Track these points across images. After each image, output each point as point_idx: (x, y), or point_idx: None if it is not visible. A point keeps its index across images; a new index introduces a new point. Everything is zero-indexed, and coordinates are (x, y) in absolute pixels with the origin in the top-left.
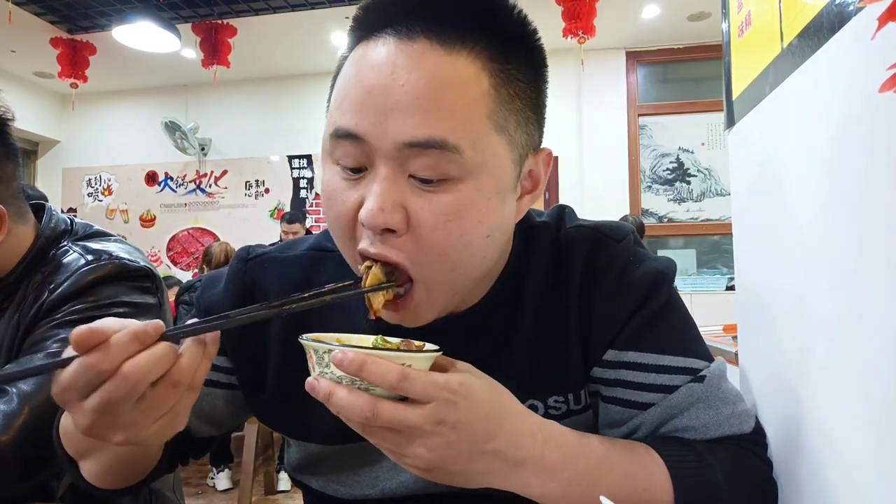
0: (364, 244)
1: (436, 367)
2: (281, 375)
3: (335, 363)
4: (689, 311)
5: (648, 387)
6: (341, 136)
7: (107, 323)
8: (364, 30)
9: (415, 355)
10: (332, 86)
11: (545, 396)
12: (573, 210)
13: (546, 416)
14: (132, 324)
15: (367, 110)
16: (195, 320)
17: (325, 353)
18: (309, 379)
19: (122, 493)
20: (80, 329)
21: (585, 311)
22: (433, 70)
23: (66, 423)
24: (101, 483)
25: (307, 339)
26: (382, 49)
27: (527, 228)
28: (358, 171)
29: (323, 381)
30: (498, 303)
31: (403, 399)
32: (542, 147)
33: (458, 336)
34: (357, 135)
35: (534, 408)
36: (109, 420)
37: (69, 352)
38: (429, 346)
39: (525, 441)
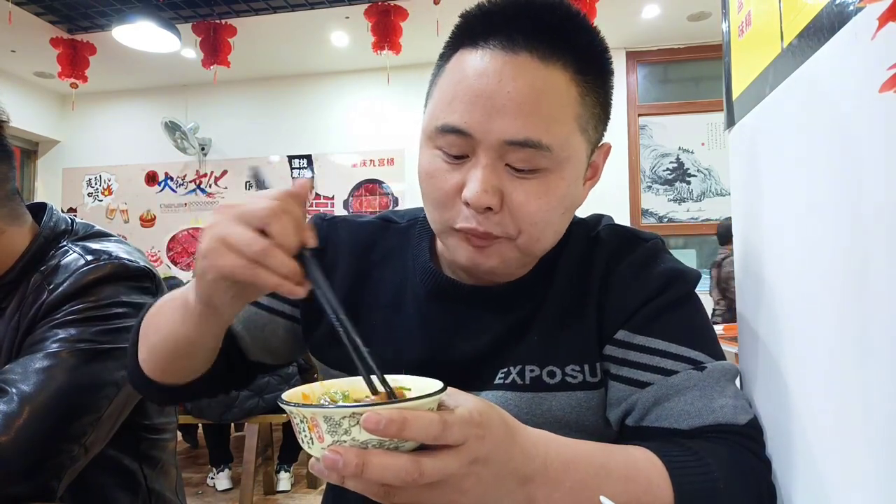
0: (464, 222)
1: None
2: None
3: (369, 427)
4: None
5: (650, 368)
6: (449, 130)
7: (265, 192)
8: (468, 38)
9: (434, 399)
10: (432, 81)
11: (563, 364)
12: (612, 217)
13: (564, 382)
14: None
15: (476, 110)
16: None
17: (343, 418)
18: (324, 454)
19: (171, 394)
20: (303, 182)
21: (604, 291)
22: (533, 80)
23: (150, 310)
24: (159, 372)
25: (303, 406)
26: (488, 58)
27: (570, 224)
28: (459, 158)
29: (348, 451)
30: (535, 280)
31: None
32: (603, 142)
33: (499, 302)
34: (465, 130)
35: (552, 374)
36: (226, 246)
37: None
38: (405, 379)
39: (531, 454)
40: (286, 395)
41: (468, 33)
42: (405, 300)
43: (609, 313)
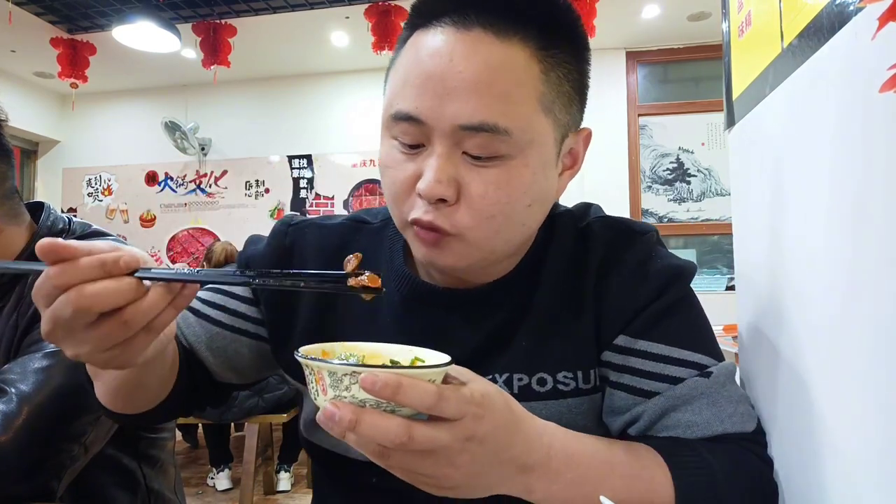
0: (417, 213)
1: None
2: (308, 329)
3: (365, 386)
4: None
5: (655, 376)
6: (401, 117)
7: (94, 244)
8: (421, 18)
9: (437, 370)
10: (389, 69)
11: (555, 371)
12: (600, 207)
13: (555, 391)
14: (120, 250)
15: (426, 94)
16: (180, 267)
17: (345, 375)
18: (325, 406)
19: (135, 420)
20: (45, 241)
21: (602, 295)
22: (487, 57)
23: None
24: (111, 405)
25: (308, 358)
26: (440, 37)
27: (553, 216)
28: (415, 147)
29: (344, 406)
30: (518, 279)
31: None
32: (582, 126)
33: (480, 305)
34: (417, 117)
35: (543, 381)
36: (63, 333)
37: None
38: (420, 350)
39: (535, 444)
40: (304, 349)
41: (422, 13)
42: (380, 307)
43: (608, 317)
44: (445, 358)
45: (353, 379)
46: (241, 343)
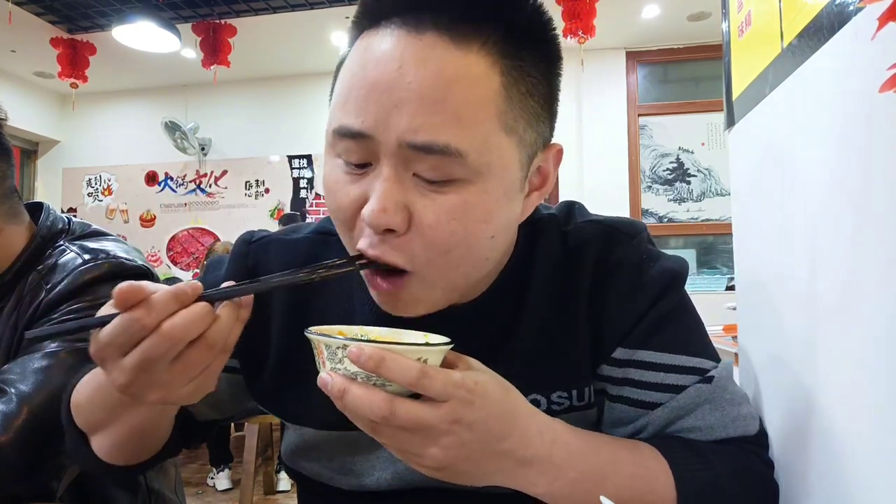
0: (363, 244)
1: (444, 362)
2: (281, 360)
3: (351, 358)
4: None
5: (657, 386)
6: (344, 134)
7: (145, 283)
8: (369, 18)
9: (429, 349)
10: (336, 76)
11: (549, 392)
12: (584, 206)
13: (549, 411)
14: (168, 286)
15: (370, 107)
16: (231, 283)
17: (338, 348)
18: (321, 375)
19: (127, 472)
20: (123, 285)
21: (597, 308)
22: (441, 67)
23: (80, 396)
24: (110, 458)
25: (315, 334)
26: (388, 41)
27: (534, 221)
28: (361, 167)
29: (336, 377)
30: (503, 295)
31: (414, 395)
32: (552, 143)
33: (461, 326)
34: (361, 132)
35: (536, 402)
36: (147, 378)
37: (108, 309)
38: (434, 337)
39: (534, 440)
40: (317, 328)
41: (369, 10)
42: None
43: (605, 331)
44: (445, 340)
45: (344, 352)
46: (219, 379)
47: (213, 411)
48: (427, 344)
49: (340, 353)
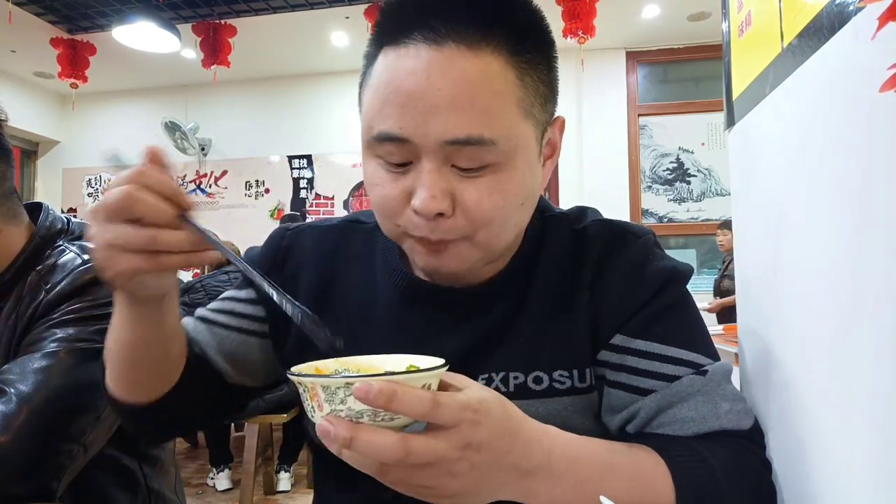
0: (420, 231)
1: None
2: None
3: (359, 396)
4: None
5: (651, 374)
6: (385, 138)
7: (167, 173)
8: (390, 35)
9: (431, 374)
10: (362, 85)
11: (550, 370)
12: (598, 210)
13: (551, 389)
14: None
15: (408, 114)
16: (208, 231)
17: (338, 388)
18: (320, 423)
19: (145, 415)
20: (156, 150)
21: (598, 294)
22: (464, 72)
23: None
24: (119, 389)
25: (304, 376)
26: (413, 55)
27: (546, 217)
28: (402, 166)
29: (339, 423)
30: (511, 278)
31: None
32: (556, 116)
33: (474, 305)
34: (402, 137)
35: (538, 380)
36: (107, 217)
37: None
38: (413, 358)
39: (534, 449)
40: (296, 368)
41: (389, 29)
42: (377, 304)
43: (604, 317)
44: (440, 362)
45: (347, 391)
46: (251, 344)
47: (247, 377)
48: (430, 368)
49: (342, 393)
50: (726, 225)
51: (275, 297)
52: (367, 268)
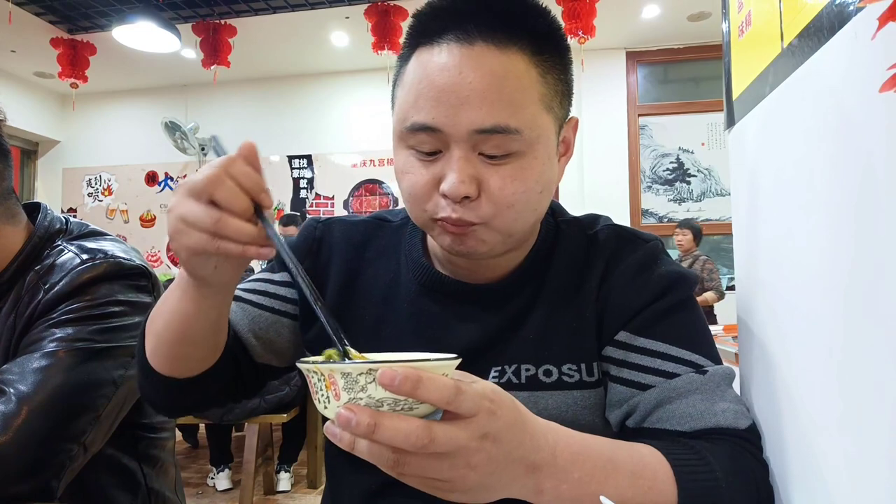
0: (445, 212)
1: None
2: (333, 307)
3: (384, 382)
4: None
5: (652, 370)
6: (419, 128)
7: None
8: (424, 36)
9: (447, 363)
10: (395, 84)
11: (560, 363)
12: (609, 217)
13: (560, 381)
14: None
15: (440, 106)
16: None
17: (360, 374)
18: (340, 412)
19: (182, 387)
20: (251, 144)
21: (606, 292)
22: (492, 68)
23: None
24: (159, 364)
25: (323, 363)
26: (446, 53)
27: (559, 220)
28: (432, 154)
29: (361, 410)
30: (525, 275)
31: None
32: (570, 116)
33: (489, 301)
34: (434, 127)
35: (548, 372)
36: (191, 195)
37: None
38: (427, 355)
39: (540, 442)
40: (304, 360)
41: (423, 32)
42: (398, 295)
43: (610, 314)
44: (452, 356)
45: (369, 378)
46: (282, 324)
47: (274, 357)
48: (447, 358)
49: (363, 380)
50: (685, 224)
51: (309, 299)
52: (391, 262)
